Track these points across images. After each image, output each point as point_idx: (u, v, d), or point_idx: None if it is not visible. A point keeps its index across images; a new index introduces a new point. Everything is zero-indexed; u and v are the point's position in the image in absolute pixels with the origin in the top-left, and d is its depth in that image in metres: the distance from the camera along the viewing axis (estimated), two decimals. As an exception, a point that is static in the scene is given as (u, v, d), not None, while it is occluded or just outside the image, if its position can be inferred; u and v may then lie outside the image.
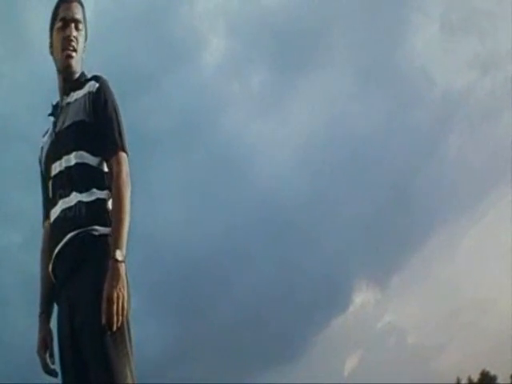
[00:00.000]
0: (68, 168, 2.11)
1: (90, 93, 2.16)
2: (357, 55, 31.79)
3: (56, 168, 2.14)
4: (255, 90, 30.93)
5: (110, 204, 2.11)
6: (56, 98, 2.30)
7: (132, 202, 2.06)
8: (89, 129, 2.12)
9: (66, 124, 2.15)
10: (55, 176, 2.15)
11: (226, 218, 27.49)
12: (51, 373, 2.16)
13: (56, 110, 2.26)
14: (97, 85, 2.17)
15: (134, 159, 2.21)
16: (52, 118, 2.27)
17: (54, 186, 2.15)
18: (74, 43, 2.22)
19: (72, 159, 2.10)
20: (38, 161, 2.32)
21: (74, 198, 2.07)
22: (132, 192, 2.08)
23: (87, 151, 2.11)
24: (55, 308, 2.17)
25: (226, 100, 29.79)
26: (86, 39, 2.29)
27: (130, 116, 2.20)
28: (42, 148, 2.28)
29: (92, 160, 2.11)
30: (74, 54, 2.22)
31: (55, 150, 2.17)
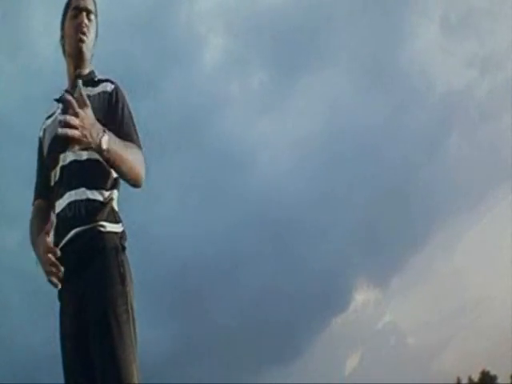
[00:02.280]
0: (78, 162, 2.09)
1: (104, 92, 2.16)
2: (357, 55, 31.78)
3: (65, 159, 2.11)
4: (255, 89, 30.91)
5: (115, 203, 2.11)
6: (55, 95, 2.28)
7: (132, 202, 2.06)
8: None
9: None
10: (63, 167, 2.12)
11: (226, 216, 27.48)
12: (54, 280, 1.92)
13: (61, 97, 2.22)
14: (112, 86, 2.18)
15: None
16: (60, 105, 2.23)
17: (62, 177, 2.12)
18: (85, 29, 2.23)
19: (83, 154, 2.08)
20: (38, 141, 2.29)
21: (83, 193, 2.06)
22: (133, 192, 2.08)
23: None
24: (57, 306, 2.14)
25: (226, 99, 29.76)
26: (96, 35, 2.31)
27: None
28: (45, 130, 2.26)
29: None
30: (85, 38, 2.23)
31: (65, 141, 2.14)
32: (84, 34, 2.23)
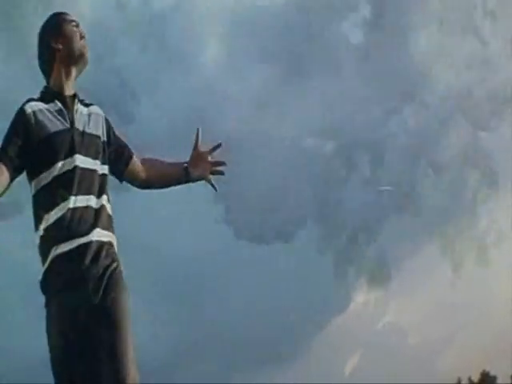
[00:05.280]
0: (95, 172, 2.24)
1: (98, 114, 2.34)
2: (356, 55, 31.80)
3: (82, 163, 2.21)
4: (254, 89, 30.95)
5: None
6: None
7: (130, 202, 2.07)
8: (103, 145, 2.32)
9: (92, 132, 2.28)
10: (76, 167, 2.19)
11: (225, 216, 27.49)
12: None
13: (57, 97, 2.26)
14: (101, 110, 2.36)
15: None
16: (57, 101, 2.26)
17: (76, 177, 2.18)
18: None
19: (103, 167, 2.28)
20: (22, 122, 2.21)
21: (99, 201, 2.20)
22: (130, 193, 2.15)
23: (104, 163, 2.30)
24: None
25: (226, 99, 29.81)
26: None
27: (130, 117, 2.20)
28: (36, 113, 2.21)
29: (108, 170, 2.32)
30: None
31: (80, 145, 2.23)
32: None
